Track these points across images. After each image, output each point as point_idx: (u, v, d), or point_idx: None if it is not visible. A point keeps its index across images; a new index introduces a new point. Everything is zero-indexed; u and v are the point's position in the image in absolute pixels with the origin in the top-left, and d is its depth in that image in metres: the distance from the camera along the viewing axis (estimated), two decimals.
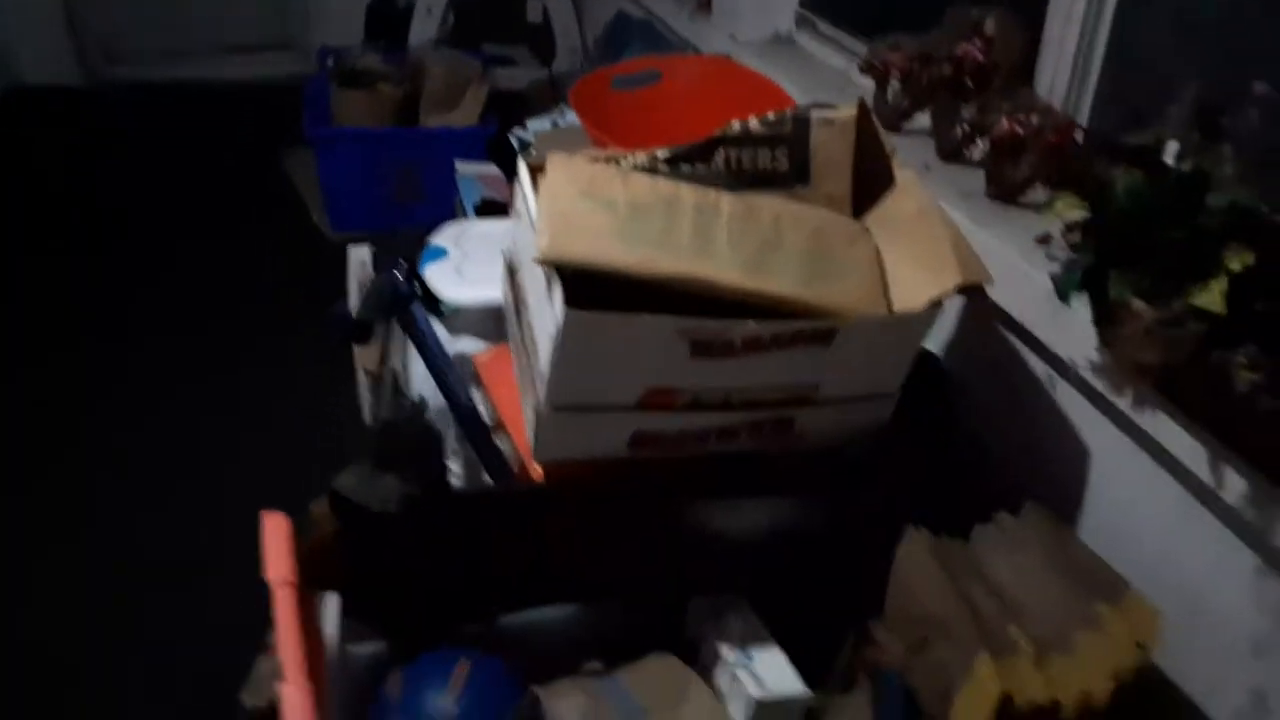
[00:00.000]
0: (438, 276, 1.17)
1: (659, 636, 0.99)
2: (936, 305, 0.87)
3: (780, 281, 0.86)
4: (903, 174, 0.98)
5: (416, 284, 1.17)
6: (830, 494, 0.99)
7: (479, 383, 1.09)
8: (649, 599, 1.00)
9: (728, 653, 0.93)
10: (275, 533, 0.82)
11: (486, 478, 1.03)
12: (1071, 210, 0.82)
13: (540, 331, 0.88)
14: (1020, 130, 1.05)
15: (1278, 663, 0.77)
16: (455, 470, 1.09)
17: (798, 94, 1.49)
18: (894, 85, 1.36)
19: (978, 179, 1.17)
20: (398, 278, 0.96)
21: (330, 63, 2.76)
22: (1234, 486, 0.76)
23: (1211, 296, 0.70)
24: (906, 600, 0.91)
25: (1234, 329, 0.69)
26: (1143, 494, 0.89)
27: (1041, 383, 1.01)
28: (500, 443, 1.05)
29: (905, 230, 0.93)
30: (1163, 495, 0.87)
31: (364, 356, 1.35)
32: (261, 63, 3.50)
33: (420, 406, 1.10)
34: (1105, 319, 0.81)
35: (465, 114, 2.69)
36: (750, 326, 0.82)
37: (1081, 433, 0.97)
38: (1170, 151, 0.78)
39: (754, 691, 0.89)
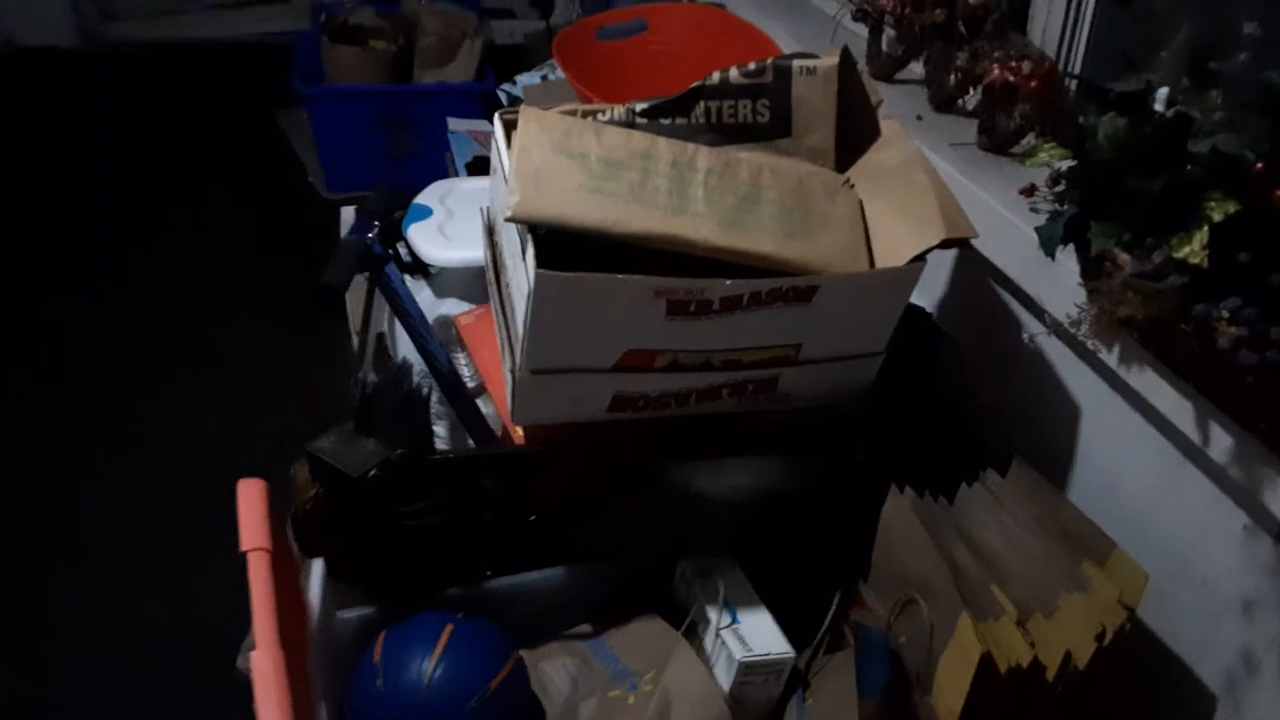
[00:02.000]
0: (421, 236, 1.16)
1: (646, 598, 0.99)
2: (920, 261, 0.85)
3: (758, 238, 0.84)
4: (888, 125, 0.95)
5: (400, 245, 1.16)
6: (816, 453, 0.97)
7: (462, 345, 1.08)
8: (635, 561, 0.99)
9: (714, 614, 0.92)
10: (250, 499, 0.81)
11: (470, 441, 1.03)
12: (1055, 159, 0.79)
13: (516, 293, 0.87)
14: (1012, 78, 1.02)
15: (1266, 621, 0.76)
16: (440, 434, 1.08)
17: (790, 43, 1.46)
18: (888, 33, 1.33)
19: (970, 128, 1.14)
20: (368, 239, 0.95)
21: (322, 18, 2.72)
22: (1221, 443, 0.74)
23: (1193, 248, 0.67)
24: (891, 561, 0.90)
25: (1217, 281, 0.67)
26: (1130, 451, 0.88)
27: (1032, 338, 0.99)
28: (484, 405, 1.04)
29: (889, 183, 0.91)
30: (1150, 452, 0.85)
31: (352, 316, 1.34)
32: (257, 19, 3.45)
33: (405, 369, 1.09)
34: (1089, 271, 0.79)
35: (461, 69, 2.65)
36: (727, 285, 0.80)
37: (1070, 389, 0.95)
38: (1160, 98, 0.76)
39: (739, 653, 0.88)
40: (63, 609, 1.64)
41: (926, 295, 1.14)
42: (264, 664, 0.70)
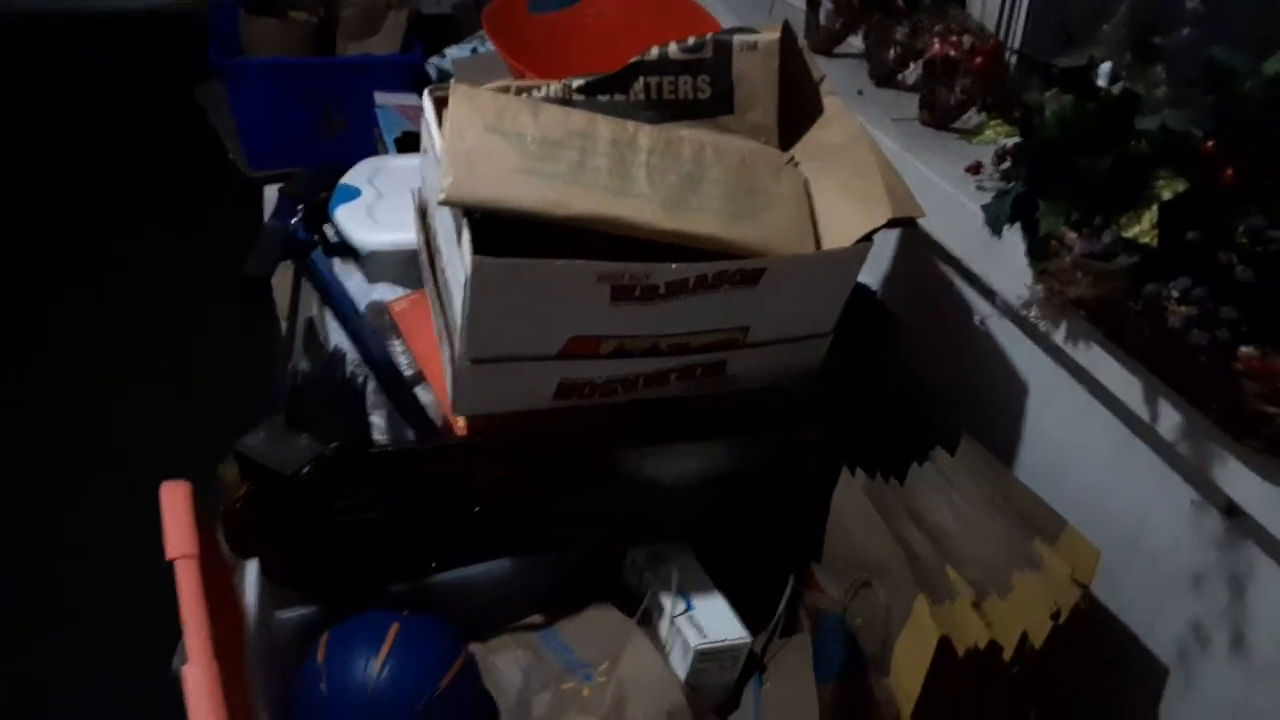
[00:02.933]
0: (349, 219, 1.10)
1: (598, 587, 0.97)
2: (867, 241, 0.83)
3: (702, 220, 0.81)
4: (831, 101, 0.93)
5: (327, 227, 1.11)
6: (766, 437, 0.96)
7: (397, 332, 1.04)
8: (585, 550, 0.97)
9: (668, 601, 0.91)
10: (174, 503, 0.77)
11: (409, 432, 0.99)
12: (1001, 137, 0.78)
13: (453, 280, 0.83)
14: (952, 52, 1.01)
15: (1215, 593, 0.77)
16: (378, 424, 1.04)
17: (728, 17, 1.43)
18: (826, 6, 1.31)
19: (912, 103, 1.12)
20: (291, 224, 0.90)
21: None
22: (1169, 420, 0.74)
23: (1142, 227, 0.67)
24: (844, 543, 0.90)
25: (1166, 260, 0.67)
26: (1079, 429, 0.88)
27: (980, 318, 0.99)
28: (423, 394, 1.01)
29: (834, 161, 0.89)
30: (1099, 430, 0.85)
31: (279, 301, 1.28)
32: None
33: (337, 357, 1.04)
34: (1037, 251, 0.78)
35: (385, 41, 2.57)
36: (672, 269, 0.78)
37: (1018, 368, 0.95)
38: (1103, 73, 0.75)
39: (695, 640, 0.87)
40: None
41: (872, 274, 1.13)
42: (197, 678, 0.66)
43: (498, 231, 0.78)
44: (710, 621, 0.89)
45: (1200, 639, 0.79)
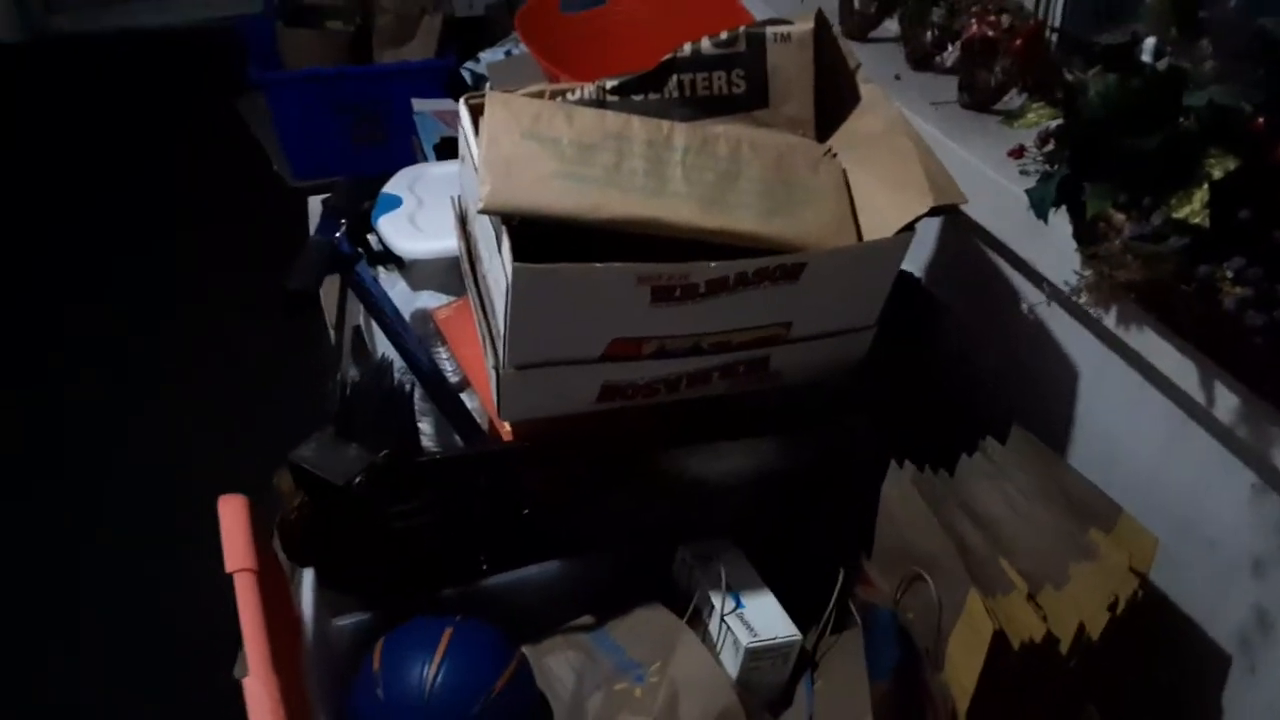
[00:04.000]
0: (391, 228, 1.12)
1: (647, 586, 0.97)
2: (909, 231, 0.82)
3: (741, 217, 0.81)
4: (868, 89, 0.92)
5: (370, 237, 1.12)
6: (811, 431, 0.95)
7: (442, 339, 1.05)
8: (635, 550, 0.98)
9: (717, 599, 0.91)
10: (232, 517, 0.78)
11: (458, 438, 1.00)
12: (1044, 118, 0.77)
13: (494, 286, 0.84)
14: (990, 32, 0.99)
15: (1276, 578, 0.75)
16: (426, 431, 1.05)
17: (760, 8, 1.41)
18: None
19: (950, 86, 1.10)
20: (335, 238, 0.91)
21: (276, 0, 2.64)
22: (1226, 403, 0.73)
23: (1193, 207, 0.65)
24: (894, 537, 0.89)
25: (1218, 240, 0.65)
26: (1133, 415, 0.86)
27: (1027, 303, 0.97)
28: (469, 400, 1.01)
29: (873, 150, 0.88)
30: (1154, 415, 0.83)
31: (329, 315, 1.30)
32: (206, 5, 3.34)
33: (384, 366, 1.05)
34: (1085, 234, 0.77)
35: (421, 46, 2.59)
36: (712, 268, 0.78)
37: (1069, 353, 0.93)
38: (1147, 49, 0.73)
39: (745, 638, 0.87)
40: (49, 624, 1.61)
41: (915, 261, 1.11)
42: (257, 690, 0.68)
43: (538, 237, 0.78)
44: (760, 619, 0.89)
45: (1263, 625, 0.77)
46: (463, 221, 0.97)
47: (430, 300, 1.08)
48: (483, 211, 0.77)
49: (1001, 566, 0.79)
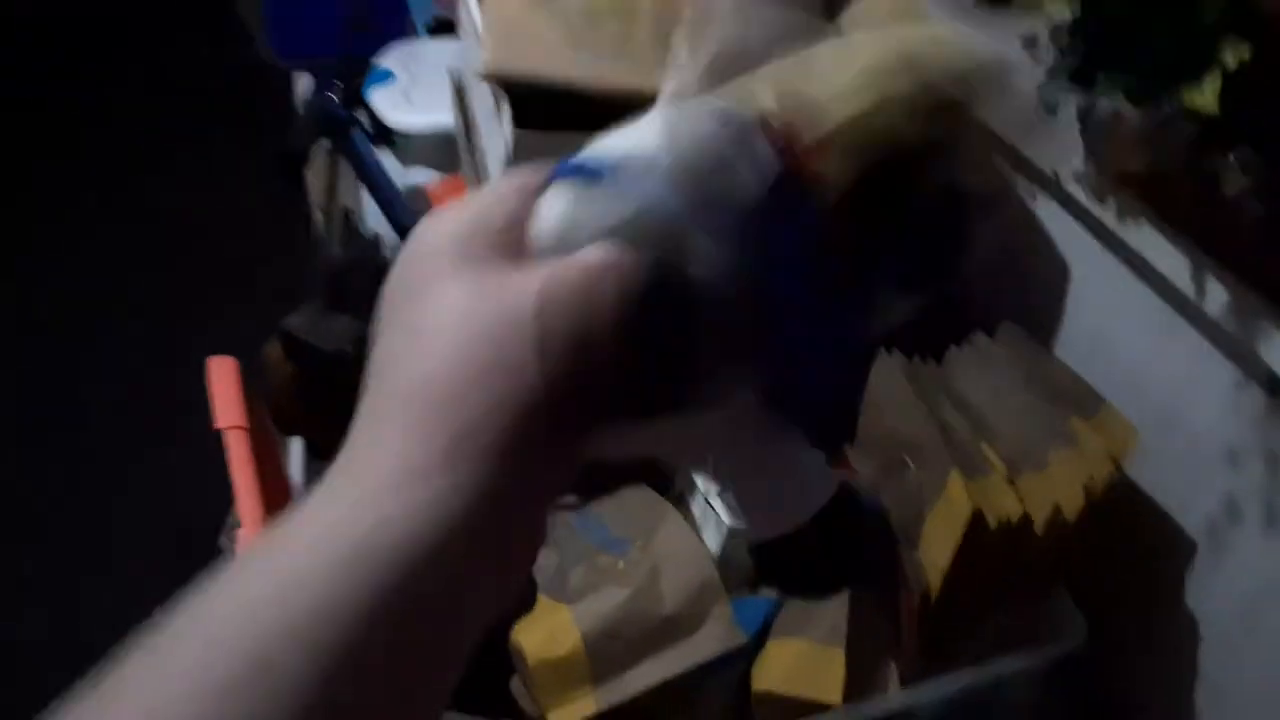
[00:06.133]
0: (384, 102, 1.10)
1: (634, 471, 0.98)
2: None
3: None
4: None
5: (362, 111, 1.10)
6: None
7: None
8: None
9: (701, 482, 0.92)
10: (222, 377, 0.78)
11: None
12: (1060, 8, 0.76)
13: (492, 158, 0.83)
14: None
15: (1252, 469, 0.77)
16: None
17: None
18: None
19: None
20: (332, 100, 0.89)
21: None
22: (1216, 298, 0.74)
23: (1205, 96, 0.65)
24: (879, 422, 0.90)
25: (1226, 131, 0.65)
26: (1122, 309, 0.87)
27: (1024, 198, 0.97)
28: None
29: (878, 28, 0.86)
30: (1142, 309, 0.84)
31: (314, 191, 1.28)
32: None
33: (375, 243, 1.05)
34: (1092, 126, 0.76)
35: None
36: None
37: (1062, 249, 0.94)
38: None
39: (727, 518, 0.89)
40: (39, 499, 1.62)
41: None
42: (251, 539, 0.69)
43: (538, 111, 0.77)
44: None
45: (1232, 515, 0.79)
46: (460, 93, 0.95)
47: (422, 176, 1.07)
48: (483, 77, 0.76)
49: (983, 450, 0.80)
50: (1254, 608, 0.80)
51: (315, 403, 0.91)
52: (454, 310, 0.31)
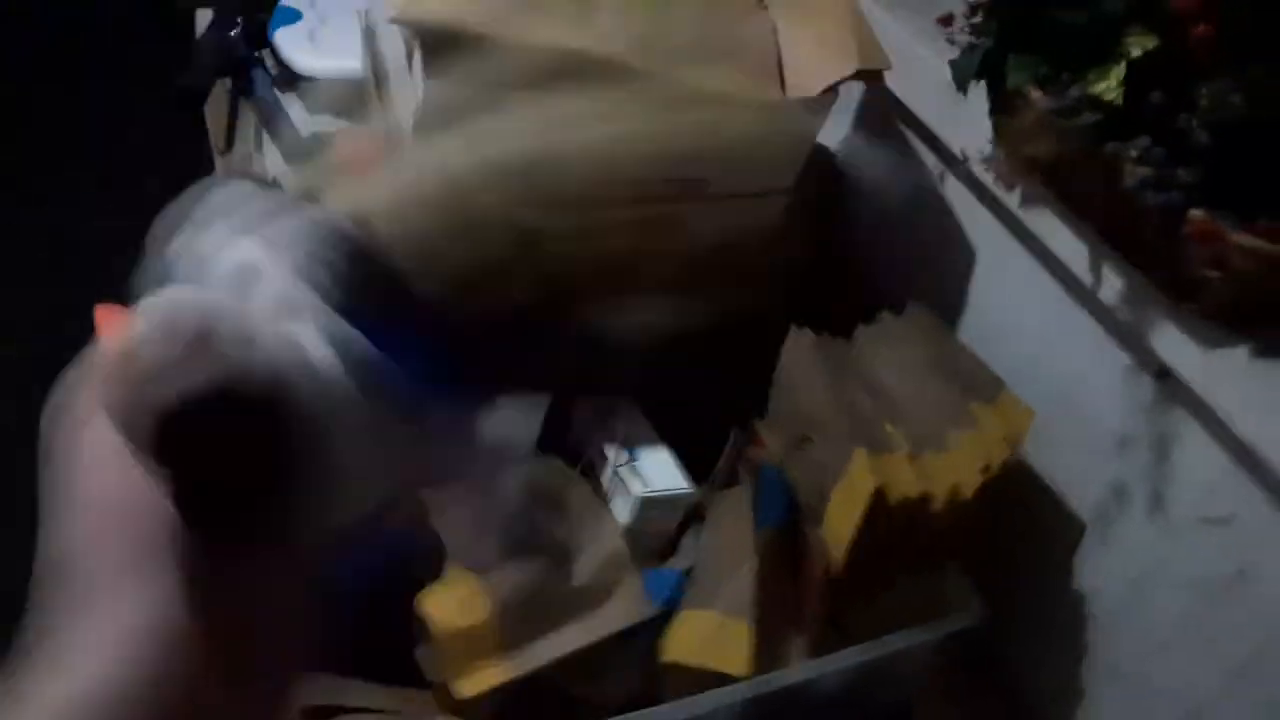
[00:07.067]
0: (289, 42, 1.04)
1: (543, 442, 0.97)
2: (832, 92, 0.81)
3: (670, 61, 0.78)
4: None
5: (265, 51, 1.05)
6: (718, 294, 0.95)
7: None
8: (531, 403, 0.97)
9: (612, 453, 0.92)
10: (111, 330, 0.74)
11: None
12: None
13: (403, 110, 0.80)
14: None
15: (1139, 455, 0.80)
16: None
17: None
18: None
19: None
20: (230, 36, 0.84)
21: None
22: (1111, 286, 0.76)
23: (1109, 84, 0.66)
24: (789, 399, 0.91)
25: (1128, 120, 0.66)
26: (1023, 295, 0.89)
27: (936, 181, 0.99)
28: None
29: (804, 8, 0.86)
30: (1042, 296, 0.86)
31: (213, 134, 1.22)
32: None
33: (276, 189, 1.00)
34: (1001, 108, 0.77)
35: None
36: None
37: (968, 232, 0.95)
38: None
39: (637, 489, 0.88)
40: None
41: (826, 133, 1.11)
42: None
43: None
44: (653, 472, 0.90)
45: (1120, 498, 0.82)
46: (370, 38, 0.91)
47: (329, 124, 1.03)
48: (395, 21, 0.72)
49: (887, 429, 0.81)
50: (1139, 587, 0.83)
51: None
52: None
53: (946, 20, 0.79)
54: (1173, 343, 0.72)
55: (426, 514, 0.90)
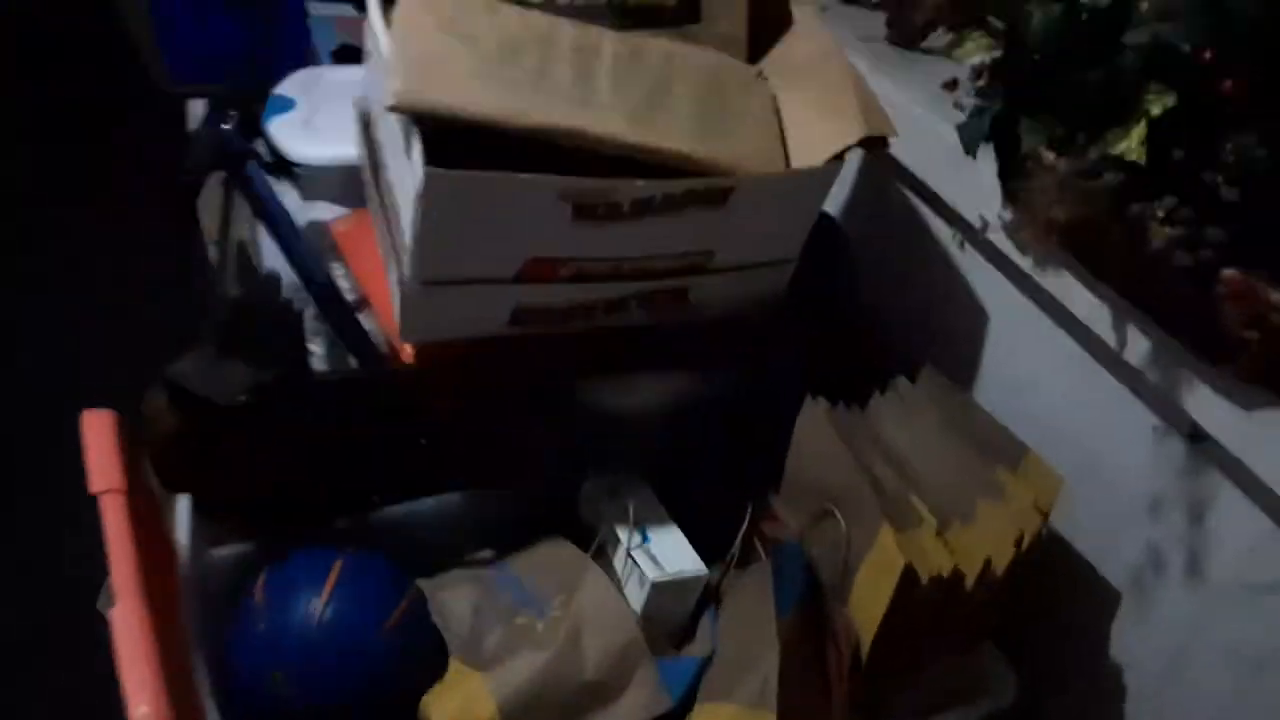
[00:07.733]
0: (284, 131, 1.04)
1: (551, 521, 0.94)
2: (838, 160, 0.80)
3: (671, 135, 0.77)
4: (801, 12, 0.89)
5: (260, 141, 1.04)
6: (727, 367, 0.93)
7: (338, 254, 0.98)
8: (539, 484, 0.94)
9: (623, 534, 0.88)
10: (98, 433, 0.71)
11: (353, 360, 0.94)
12: (981, 51, 0.75)
13: (401, 195, 0.78)
14: None
15: (1173, 518, 0.77)
16: (317, 352, 0.99)
17: None
18: None
19: (877, 22, 1.08)
20: (225, 130, 0.83)
21: None
22: (1137, 346, 0.74)
23: (1130, 144, 0.65)
24: (805, 472, 0.88)
25: (1152, 179, 0.65)
26: (1043, 357, 0.87)
27: (943, 245, 0.97)
28: (366, 321, 0.95)
29: (804, 76, 0.85)
30: (1063, 358, 0.84)
31: (207, 225, 1.21)
32: None
33: (272, 281, 0.98)
34: (1013, 172, 0.76)
35: None
36: (639, 186, 0.74)
37: (982, 296, 0.94)
38: None
39: (651, 572, 0.85)
40: None
41: (831, 202, 1.10)
42: (125, 619, 0.61)
43: (451, 145, 0.72)
44: (666, 554, 0.87)
45: (1156, 564, 0.79)
46: (366, 125, 0.90)
47: (325, 212, 1.01)
48: (392, 109, 0.71)
49: (912, 502, 0.79)
50: (1178, 658, 0.79)
51: (206, 457, 0.84)
52: None
53: (951, 85, 0.79)
54: (1206, 404, 0.69)
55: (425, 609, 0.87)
